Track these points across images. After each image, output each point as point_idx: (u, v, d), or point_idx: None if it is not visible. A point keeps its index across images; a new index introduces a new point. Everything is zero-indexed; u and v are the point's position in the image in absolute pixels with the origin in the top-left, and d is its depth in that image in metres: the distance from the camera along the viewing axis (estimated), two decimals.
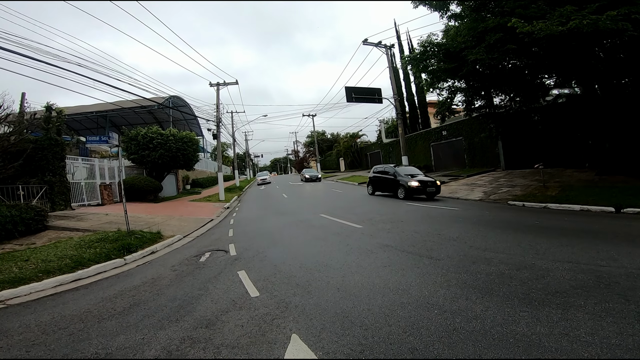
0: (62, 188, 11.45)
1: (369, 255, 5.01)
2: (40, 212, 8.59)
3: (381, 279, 3.90)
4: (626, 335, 2.29)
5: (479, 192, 11.70)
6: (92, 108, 25.81)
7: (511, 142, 16.90)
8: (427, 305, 3.08)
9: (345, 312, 3.08)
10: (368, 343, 2.50)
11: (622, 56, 9.04)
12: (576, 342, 2.27)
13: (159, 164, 17.83)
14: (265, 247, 6.24)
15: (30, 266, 5.29)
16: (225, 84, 20.81)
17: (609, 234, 5.22)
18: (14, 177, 10.05)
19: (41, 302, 4.23)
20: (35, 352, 2.82)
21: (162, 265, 5.78)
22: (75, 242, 6.80)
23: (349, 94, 15.80)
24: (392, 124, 34.00)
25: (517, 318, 2.68)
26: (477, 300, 3.08)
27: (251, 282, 4.25)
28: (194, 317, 3.30)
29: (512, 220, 7.03)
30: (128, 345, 2.82)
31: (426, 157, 24.75)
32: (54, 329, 3.32)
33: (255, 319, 3.11)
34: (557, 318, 2.62)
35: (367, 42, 16.41)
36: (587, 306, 2.78)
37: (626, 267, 3.60)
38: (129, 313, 3.58)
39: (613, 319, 2.53)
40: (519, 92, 12.60)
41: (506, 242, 5.12)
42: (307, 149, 59.52)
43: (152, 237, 7.60)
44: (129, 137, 17.36)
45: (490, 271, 3.84)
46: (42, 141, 11.11)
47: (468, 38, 9.67)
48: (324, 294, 3.59)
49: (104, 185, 14.82)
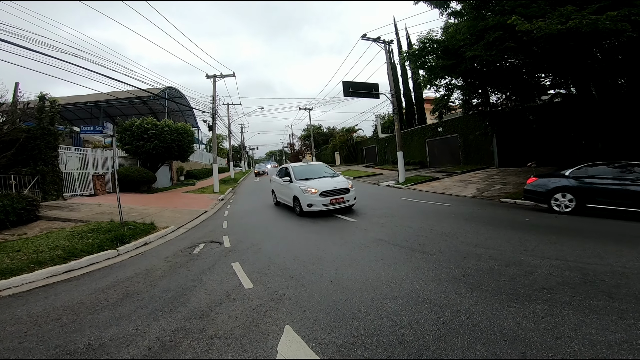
0: (54, 178, 11.32)
1: (363, 249, 5.07)
2: (32, 202, 8.49)
3: (374, 273, 3.95)
4: (609, 332, 2.37)
5: (472, 189, 11.82)
6: (86, 98, 25.36)
7: (505, 140, 17.04)
8: (418, 299, 3.14)
9: (338, 305, 3.13)
10: (360, 335, 2.55)
11: (620, 57, 9.12)
12: (560, 337, 2.34)
13: (154, 154, 17.69)
14: (259, 240, 6.26)
15: (22, 257, 5.25)
16: (222, 75, 20.54)
17: (597, 232, 5.33)
18: (6, 167, 9.92)
19: (33, 294, 4.21)
20: (28, 343, 2.82)
21: (156, 256, 5.78)
22: (68, 232, 6.75)
23: (346, 88, 15.71)
24: (389, 120, 34.00)
25: (504, 313, 2.75)
26: (466, 295, 3.14)
27: (245, 273, 4.28)
28: (187, 309, 3.33)
29: (503, 217, 7.13)
30: (121, 336, 2.84)
31: (421, 153, 24.87)
32: (46, 320, 3.32)
33: (248, 311, 3.15)
34: (543, 314, 2.69)
35: (365, 37, 16.28)
36: (572, 303, 2.86)
37: (612, 265, 3.70)
38: (122, 304, 3.59)
39: (597, 316, 2.61)
40: (516, 91, 12.68)
41: (497, 238, 5.20)
42: (303, 142, 59.40)
43: (145, 228, 7.58)
44: (124, 127, 17.18)
45: (480, 267, 3.92)
46: (35, 131, 10.95)
47: (467, 35, 9.66)
48: (317, 287, 3.64)
49: (97, 176, 14.66)
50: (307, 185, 8.46)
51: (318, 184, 8.53)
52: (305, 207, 8.20)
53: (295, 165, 10.20)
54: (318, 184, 8.47)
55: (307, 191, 8.24)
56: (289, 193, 9.18)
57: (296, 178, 9.12)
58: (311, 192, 8.20)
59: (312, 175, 9.32)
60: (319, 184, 8.47)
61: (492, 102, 14.64)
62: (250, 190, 19.44)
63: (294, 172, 9.39)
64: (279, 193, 10.58)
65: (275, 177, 11.12)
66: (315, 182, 8.66)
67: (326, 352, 2.37)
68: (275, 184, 11.03)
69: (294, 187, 8.87)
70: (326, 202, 8.04)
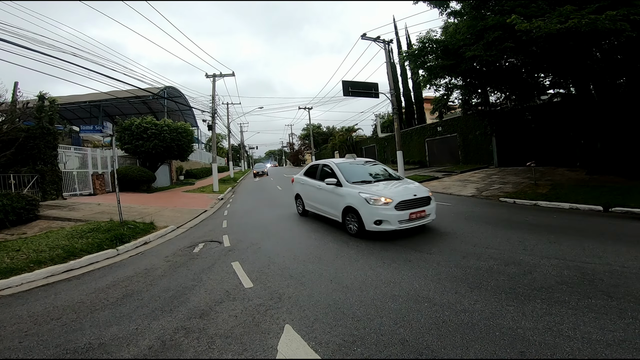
0: (53, 177, 11.31)
1: (363, 248, 5.07)
2: (31, 202, 8.49)
3: (373, 272, 3.96)
4: (607, 331, 2.38)
5: (471, 189, 11.83)
6: (85, 98, 25.36)
7: (505, 140, 17.07)
8: (418, 298, 3.15)
9: (337, 304, 3.14)
10: (359, 334, 2.56)
11: (619, 57, 9.14)
12: (559, 336, 2.35)
13: (153, 154, 17.69)
14: (259, 239, 6.26)
15: (22, 256, 5.25)
16: (221, 75, 20.51)
17: (596, 232, 5.34)
18: (6, 166, 9.92)
19: (33, 293, 4.22)
20: (28, 343, 2.83)
21: (156, 255, 5.78)
22: (67, 232, 6.75)
23: (346, 87, 15.71)
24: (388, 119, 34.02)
25: (503, 312, 2.76)
26: (466, 294, 3.16)
27: (245, 273, 4.29)
28: (187, 308, 3.33)
29: (502, 216, 7.14)
30: (121, 335, 2.85)
31: (421, 152, 24.87)
32: (47, 319, 3.32)
33: (249, 310, 3.16)
34: (542, 313, 2.71)
35: (365, 37, 16.28)
36: (571, 302, 2.87)
37: (610, 265, 3.71)
38: (122, 303, 3.60)
39: (595, 315, 2.62)
40: (515, 91, 12.69)
41: (496, 237, 5.22)
42: (303, 142, 59.44)
43: (145, 227, 7.58)
44: (123, 127, 17.18)
45: (480, 266, 3.93)
46: (34, 130, 10.95)
47: (467, 35, 9.67)
48: (317, 286, 3.65)
49: (97, 175, 14.65)
50: (373, 192, 5.71)
51: (389, 190, 5.85)
52: (370, 225, 5.50)
53: (341, 162, 7.25)
54: (389, 191, 5.79)
55: (376, 201, 5.50)
56: (336, 201, 6.47)
57: (347, 180, 6.39)
58: (382, 202, 5.45)
59: (368, 177, 6.75)
60: (391, 191, 5.79)
61: (492, 101, 14.66)
62: (249, 190, 19.43)
63: (341, 171, 6.68)
64: (313, 200, 7.72)
65: (302, 178, 8.35)
66: (383, 188, 5.98)
67: (326, 351, 2.38)
68: (304, 187, 8.21)
69: (347, 194, 6.11)
70: (404, 217, 5.41)
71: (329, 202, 6.82)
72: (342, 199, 6.27)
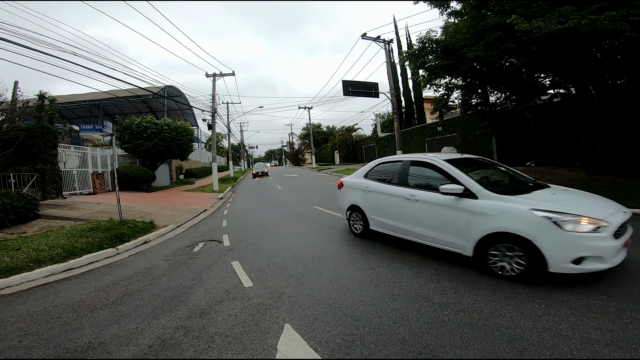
0: (53, 176, 11.32)
1: (362, 247, 5.07)
2: (31, 201, 8.49)
3: (373, 271, 3.97)
4: (605, 331, 2.39)
5: None
6: (85, 97, 25.38)
7: (505, 140, 17.06)
8: (417, 297, 3.16)
9: (337, 303, 3.14)
10: (359, 333, 2.57)
11: (619, 57, 9.14)
12: (558, 336, 2.36)
13: (153, 153, 17.69)
14: (259, 238, 6.27)
15: (22, 255, 5.26)
16: (221, 74, 20.51)
17: None
18: (6, 165, 9.92)
19: (33, 292, 4.23)
20: (28, 342, 2.84)
21: (155, 255, 5.79)
22: (67, 231, 6.76)
23: (346, 87, 15.73)
24: (388, 119, 34.00)
25: (502, 312, 2.77)
26: (465, 294, 3.16)
27: (245, 272, 4.29)
28: (187, 307, 3.34)
29: None
30: (121, 334, 2.85)
31: (420, 152, 24.89)
32: (47, 318, 3.33)
33: (248, 309, 3.16)
34: (541, 312, 2.71)
35: (365, 37, 16.30)
36: (570, 301, 2.88)
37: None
38: (122, 303, 3.60)
39: (594, 315, 2.63)
40: (515, 91, 12.68)
41: None
42: (302, 141, 59.42)
43: (145, 226, 7.58)
44: (123, 126, 17.17)
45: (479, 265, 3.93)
46: (34, 129, 10.95)
47: (467, 35, 9.67)
48: (316, 285, 3.65)
49: (96, 174, 14.66)
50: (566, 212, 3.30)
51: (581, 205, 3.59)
52: (560, 264, 3.18)
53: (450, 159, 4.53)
54: (584, 207, 3.52)
55: (575, 223, 3.19)
56: (462, 223, 3.84)
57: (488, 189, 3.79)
58: (587, 226, 3.20)
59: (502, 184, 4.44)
60: (584, 207, 3.53)
61: (492, 101, 14.66)
62: (249, 189, 19.43)
63: (465, 176, 4.00)
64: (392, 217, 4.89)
65: (363, 182, 5.68)
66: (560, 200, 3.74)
67: (326, 350, 2.39)
68: (368, 196, 5.41)
69: (495, 212, 3.57)
70: (619, 246, 3.25)
71: (438, 222, 4.16)
72: (481, 220, 3.66)
